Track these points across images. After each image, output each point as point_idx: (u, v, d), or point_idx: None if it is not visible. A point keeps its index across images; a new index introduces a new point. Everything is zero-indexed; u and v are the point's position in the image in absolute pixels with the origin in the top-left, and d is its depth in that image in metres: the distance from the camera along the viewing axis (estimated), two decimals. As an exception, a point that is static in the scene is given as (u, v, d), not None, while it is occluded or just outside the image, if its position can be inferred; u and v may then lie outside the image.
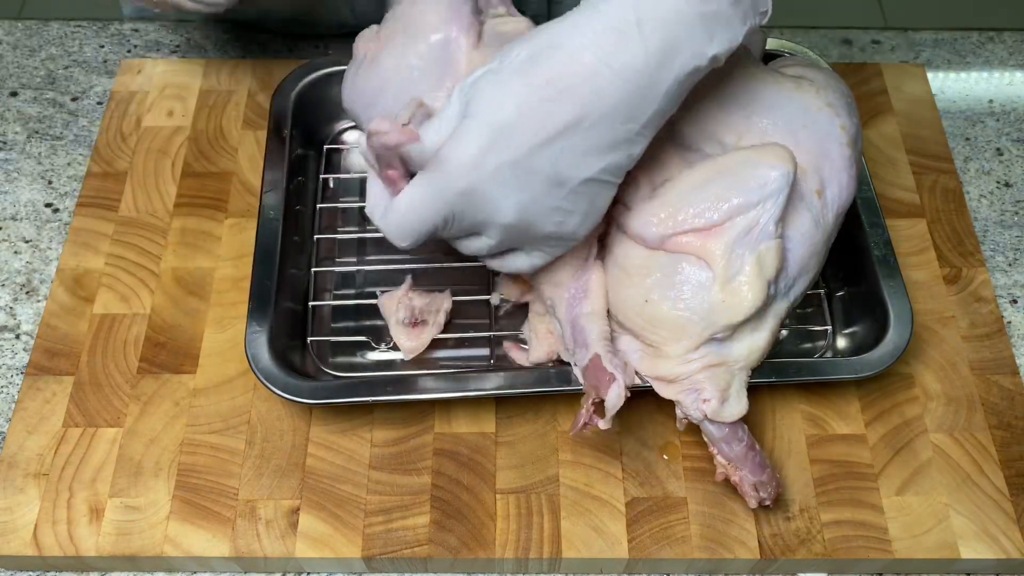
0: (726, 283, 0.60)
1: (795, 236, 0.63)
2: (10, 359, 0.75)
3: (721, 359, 0.62)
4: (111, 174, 0.83)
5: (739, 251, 0.59)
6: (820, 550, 0.66)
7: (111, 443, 0.69)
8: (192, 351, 0.73)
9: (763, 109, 0.64)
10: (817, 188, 0.64)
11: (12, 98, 0.90)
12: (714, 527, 0.66)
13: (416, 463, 0.69)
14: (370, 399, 0.66)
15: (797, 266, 0.63)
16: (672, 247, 0.61)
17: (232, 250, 0.78)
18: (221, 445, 0.69)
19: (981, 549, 0.66)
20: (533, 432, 0.70)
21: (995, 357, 0.74)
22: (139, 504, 0.67)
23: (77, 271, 0.78)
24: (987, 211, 0.85)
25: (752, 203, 0.59)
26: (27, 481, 0.68)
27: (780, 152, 0.60)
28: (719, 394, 0.62)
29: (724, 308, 0.60)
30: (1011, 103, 0.92)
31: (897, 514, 0.67)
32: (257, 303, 0.69)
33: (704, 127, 0.65)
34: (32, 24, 0.96)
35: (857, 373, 0.67)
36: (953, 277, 0.79)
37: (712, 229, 0.60)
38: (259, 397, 0.71)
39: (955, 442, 0.70)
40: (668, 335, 0.62)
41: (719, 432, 0.63)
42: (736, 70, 0.65)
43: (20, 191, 0.84)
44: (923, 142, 0.87)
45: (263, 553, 0.65)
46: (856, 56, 0.95)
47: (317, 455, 0.69)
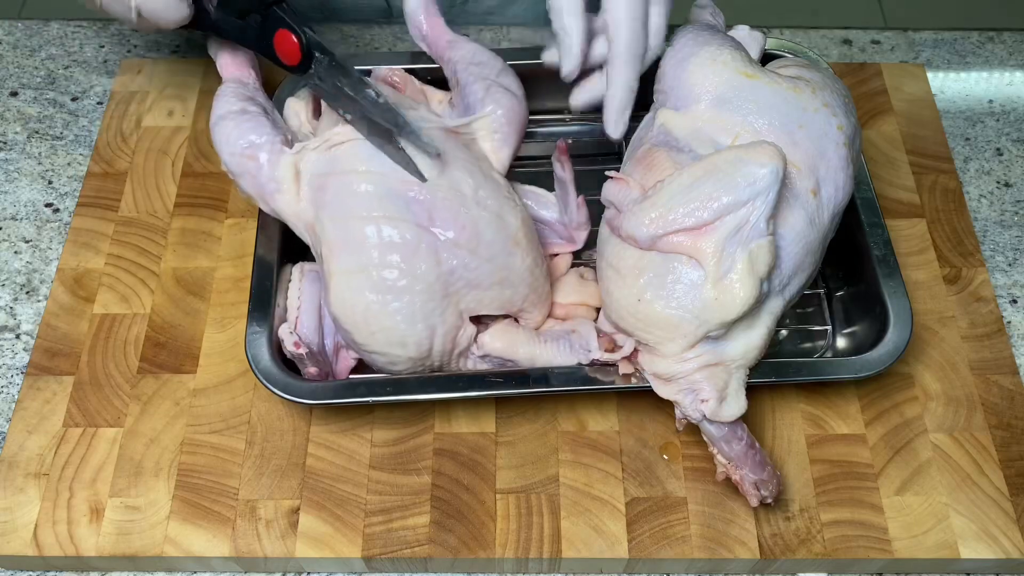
0: (718, 281, 0.60)
1: (789, 234, 0.63)
2: (10, 359, 0.75)
3: (718, 358, 0.62)
4: (111, 174, 0.83)
5: (730, 249, 0.60)
6: (820, 550, 0.66)
7: (111, 443, 0.69)
8: (192, 351, 0.73)
9: (759, 109, 0.64)
10: (812, 187, 0.64)
11: (12, 98, 0.90)
12: (714, 527, 0.66)
13: (416, 463, 0.69)
14: (370, 399, 0.66)
15: (791, 264, 0.63)
16: (664, 247, 0.61)
17: (232, 250, 0.78)
18: (221, 445, 0.69)
19: (981, 549, 0.66)
20: (533, 432, 0.70)
21: (995, 357, 0.74)
22: (139, 504, 0.67)
23: (77, 271, 0.78)
24: (987, 211, 0.85)
25: (741, 201, 0.59)
26: (27, 481, 0.68)
27: (769, 150, 0.60)
28: (717, 394, 0.62)
29: (717, 306, 0.60)
30: (1011, 103, 0.92)
31: (897, 514, 0.67)
32: (257, 303, 0.69)
33: (699, 129, 0.65)
34: (32, 24, 0.96)
35: (857, 373, 0.67)
36: (953, 277, 0.79)
37: (703, 228, 0.60)
38: (259, 397, 0.71)
39: (955, 442, 0.70)
40: (663, 334, 0.62)
41: (718, 432, 0.63)
42: (733, 71, 0.66)
43: (20, 191, 0.84)
44: (923, 142, 0.87)
45: (263, 553, 0.65)
46: (856, 56, 0.95)
47: (317, 455, 0.69)
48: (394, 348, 0.64)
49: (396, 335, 0.63)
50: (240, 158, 0.67)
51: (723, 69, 0.66)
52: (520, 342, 0.66)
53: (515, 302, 0.66)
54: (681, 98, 0.66)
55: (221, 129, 0.68)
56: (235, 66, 0.73)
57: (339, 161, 0.65)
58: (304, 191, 0.66)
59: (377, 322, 0.63)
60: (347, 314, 0.63)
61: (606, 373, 0.66)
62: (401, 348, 0.64)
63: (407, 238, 0.62)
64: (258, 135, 0.67)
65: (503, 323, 0.67)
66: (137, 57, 0.93)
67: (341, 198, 0.64)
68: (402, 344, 0.64)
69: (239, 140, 0.67)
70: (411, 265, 0.62)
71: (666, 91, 0.67)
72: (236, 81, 0.71)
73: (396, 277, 0.62)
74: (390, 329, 0.63)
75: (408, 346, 0.64)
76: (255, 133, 0.67)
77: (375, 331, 0.63)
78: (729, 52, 0.66)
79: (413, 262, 0.62)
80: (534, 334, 0.67)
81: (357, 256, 0.63)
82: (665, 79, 0.68)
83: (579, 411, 0.71)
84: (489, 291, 0.65)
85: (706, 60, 0.66)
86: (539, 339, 0.67)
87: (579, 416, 0.71)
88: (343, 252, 0.63)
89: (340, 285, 0.63)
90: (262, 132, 0.67)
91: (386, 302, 0.62)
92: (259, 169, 0.66)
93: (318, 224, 0.65)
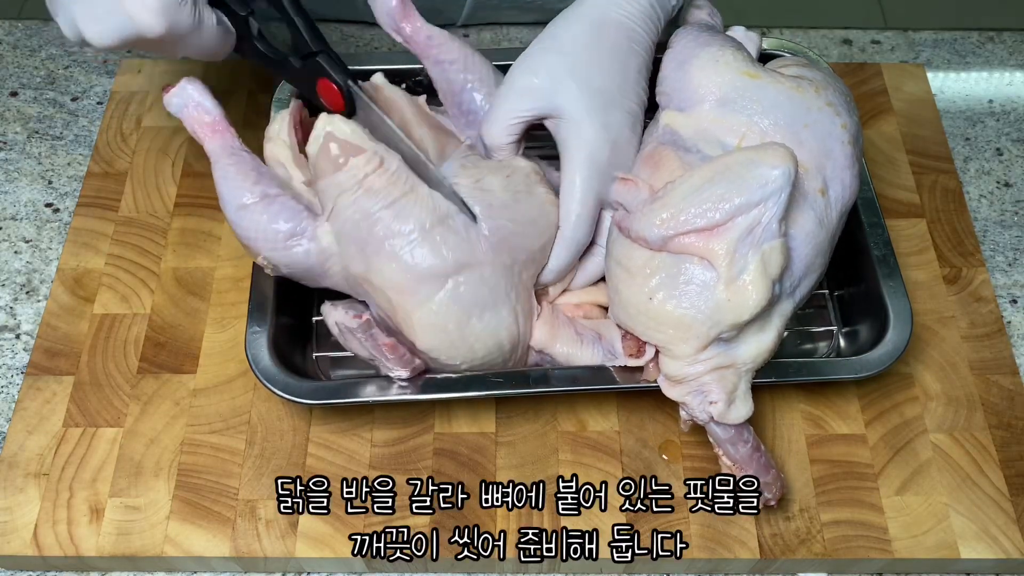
0: (730, 282, 0.60)
1: (799, 235, 0.63)
2: (10, 359, 0.75)
3: (729, 360, 0.62)
4: (111, 174, 0.83)
5: (743, 251, 0.59)
6: (820, 550, 0.66)
7: (111, 443, 0.69)
8: (192, 351, 0.73)
9: (763, 109, 0.64)
10: (820, 187, 0.64)
11: (12, 98, 0.90)
12: (714, 527, 0.66)
13: (416, 463, 0.69)
14: (370, 399, 0.66)
15: (802, 265, 0.63)
16: (675, 248, 0.61)
17: (232, 250, 0.78)
18: (221, 445, 0.69)
19: (981, 549, 0.66)
20: (533, 432, 0.70)
21: (995, 357, 0.74)
22: (139, 504, 0.67)
23: (77, 271, 0.78)
24: (987, 211, 0.85)
25: (754, 203, 0.59)
26: (27, 481, 0.68)
27: (781, 151, 0.60)
28: (726, 396, 0.62)
29: (730, 307, 0.60)
30: (1011, 103, 0.92)
31: (897, 514, 0.67)
32: (257, 304, 0.69)
33: (705, 129, 0.65)
34: (32, 24, 0.96)
35: (857, 373, 0.67)
36: (953, 277, 0.79)
37: (714, 229, 0.60)
38: (259, 397, 0.71)
39: (955, 442, 0.70)
40: (675, 334, 0.62)
41: (725, 434, 0.63)
42: (735, 72, 0.65)
43: (20, 191, 0.84)
44: (923, 142, 0.87)
45: (263, 553, 0.65)
46: (856, 56, 0.95)
47: (317, 455, 0.69)
48: (494, 352, 0.64)
49: (493, 337, 0.64)
50: (283, 251, 0.64)
51: (725, 70, 0.65)
52: (560, 338, 0.67)
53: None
54: (685, 100, 0.66)
55: (250, 222, 0.64)
56: (212, 131, 0.66)
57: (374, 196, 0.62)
58: (348, 249, 0.63)
59: (473, 332, 0.63)
60: (443, 339, 0.63)
61: (628, 374, 0.66)
62: (499, 348, 0.64)
63: (460, 238, 0.62)
64: (295, 220, 0.64)
65: (547, 314, 0.67)
66: (137, 57, 0.93)
67: (390, 232, 0.62)
68: (499, 344, 0.64)
69: (277, 234, 0.64)
70: (477, 260, 0.62)
71: (669, 93, 0.67)
72: (227, 152, 0.66)
73: (469, 280, 0.62)
74: (486, 333, 0.63)
75: (504, 341, 0.64)
76: (291, 220, 0.64)
77: (473, 343, 0.63)
78: (731, 52, 0.66)
79: (477, 257, 0.62)
80: (573, 332, 0.67)
81: (427, 282, 0.62)
82: (667, 82, 0.68)
83: (579, 411, 0.71)
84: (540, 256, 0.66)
85: (708, 61, 0.66)
86: (577, 339, 0.67)
87: (579, 416, 0.71)
88: (413, 286, 0.62)
89: (426, 316, 0.62)
90: (297, 216, 0.64)
91: (471, 310, 0.62)
92: (307, 254, 0.64)
93: (373, 274, 0.63)
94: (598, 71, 0.65)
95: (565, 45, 0.66)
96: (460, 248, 0.62)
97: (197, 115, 0.67)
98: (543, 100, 0.65)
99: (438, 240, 0.62)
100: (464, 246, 0.62)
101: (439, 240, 0.62)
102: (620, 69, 0.66)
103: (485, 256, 0.63)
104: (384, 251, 0.62)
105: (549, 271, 0.67)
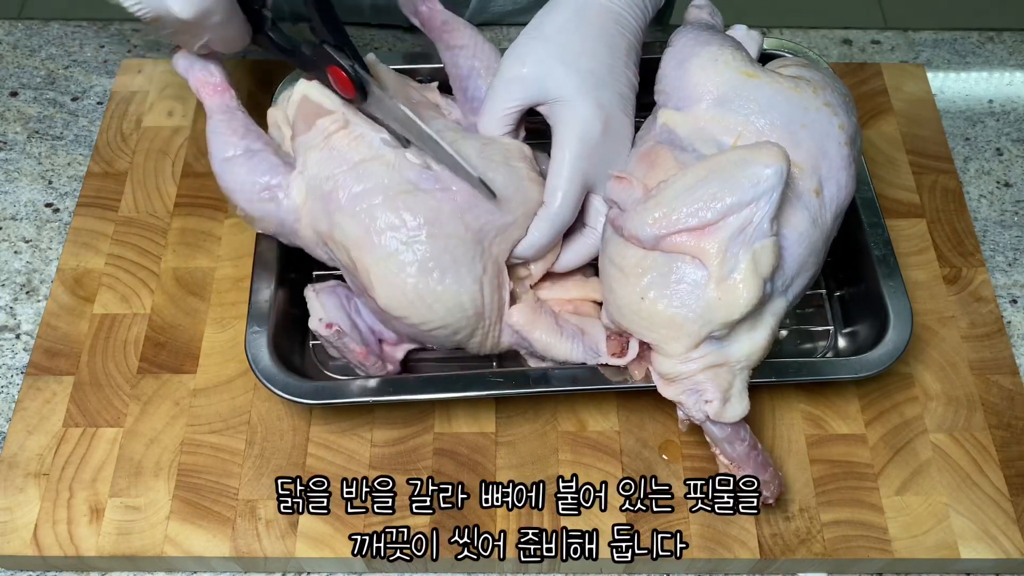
0: (721, 281, 0.60)
1: (792, 235, 0.63)
2: (10, 359, 0.75)
3: (722, 359, 0.62)
4: (111, 174, 0.83)
5: (734, 249, 0.60)
6: (820, 550, 0.66)
7: (111, 443, 0.69)
8: (192, 351, 0.73)
9: (760, 109, 0.64)
10: (815, 187, 0.64)
11: (12, 98, 0.90)
12: (714, 527, 0.66)
13: (416, 463, 0.69)
14: (370, 399, 0.66)
15: (795, 264, 0.63)
16: (667, 247, 0.61)
17: (232, 250, 0.78)
18: (221, 445, 0.69)
19: (981, 549, 0.66)
20: (533, 432, 0.70)
21: (995, 357, 0.74)
22: (139, 504, 0.67)
23: (77, 271, 0.78)
24: (987, 211, 0.85)
25: (745, 201, 0.59)
26: (27, 481, 0.68)
27: (773, 150, 0.60)
28: (721, 395, 0.62)
29: (720, 306, 0.60)
30: (1011, 103, 0.92)
31: (897, 514, 0.67)
32: (257, 304, 0.69)
33: (702, 128, 0.65)
34: (32, 24, 0.96)
35: (857, 373, 0.67)
36: (953, 277, 0.79)
37: (706, 228, 0.60)
38: (259, 397, 0.71)
39: (955, 442, 0.70)
40: (666, 333, 0.62)
41: (721, 433, 0.63)
42: (734, 71, 0.66)
43: (20, 191, 0.84)
44: (923, 142, 0.87)
45: (263, 553, 0.65)
46: (856, 56, 0.95)
47: (317, 455, 0.69)
48: (454, 314, 0.64)
49: (452, 299, 0.63)
50: (259, 203, 0.66)
51: (724, 69, 0.66)
52: (540, 326, 0.66)
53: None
54: (682, 99, 0.66)
55: (230, 175, 0.67)
56: (214, 90, 0.70)
57: (339, 156, 0.65)
58: (315, 205, 0.65)
59: (431, 293, 0.63)
60: (399, 298, 0.63)
61: (614, 373, 0.66)
62: (460, 311, 0.64)
63: (429, 204, 0.63)
64: (272, 174, 0.66)
65: (529, 299, 0.68)
66: (137, 57, 0.93)
67: (352, 193, 0.64)
68: (460, 306, 0.64)
69: (254, 185, 0.66)
70: (440, 228, 0.63)
71: (667, 92, 0.67)
72: (222, 110, 0.69)
73: (431, 243, 0.63)
74: (444, 295, 0.63)
75: (466, 305, 0.64)
76: (268, 173, 0.66)
77: (431, 303, 0.63)
78: (730, 52, 0.66)
79: (441, 224, 0.63)
80: (554, 323, 0.67)
81: (387, 239, 0.63)
82: (666, 80, 0.68)
83: (579, 411, 0.71)
84: (513, 230, 0.66)
85: (707, 61, 0.66)
86: (557, 330, 0.67)
87: (579, 416, 0.71)
88: (372, 242, 0.63)
89: (382, 273, 0.63)
90: (275, 170, 0.66)
91: (431, 270, 0.63)
92: (279, 208, 0.66)
93: (336, 230, 0.64)
94: (585, 54, 0.66)
95: (550, 32, 0.66)
96: (419, 209, 0.63)
97: (203, 76, 0.70)
98: (533, 87, 0.66)
99: (400, 204, 0.63)
100: (424, 208, 0.63)
101: (400, 205, 0.63)
102: (608, 52, 0.66)
103: (447, 219, 0.63)
104: (344, 208, 0.64)
105: (527, 245, 0.67)
